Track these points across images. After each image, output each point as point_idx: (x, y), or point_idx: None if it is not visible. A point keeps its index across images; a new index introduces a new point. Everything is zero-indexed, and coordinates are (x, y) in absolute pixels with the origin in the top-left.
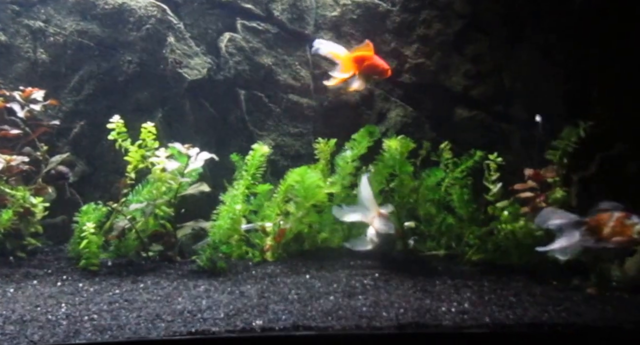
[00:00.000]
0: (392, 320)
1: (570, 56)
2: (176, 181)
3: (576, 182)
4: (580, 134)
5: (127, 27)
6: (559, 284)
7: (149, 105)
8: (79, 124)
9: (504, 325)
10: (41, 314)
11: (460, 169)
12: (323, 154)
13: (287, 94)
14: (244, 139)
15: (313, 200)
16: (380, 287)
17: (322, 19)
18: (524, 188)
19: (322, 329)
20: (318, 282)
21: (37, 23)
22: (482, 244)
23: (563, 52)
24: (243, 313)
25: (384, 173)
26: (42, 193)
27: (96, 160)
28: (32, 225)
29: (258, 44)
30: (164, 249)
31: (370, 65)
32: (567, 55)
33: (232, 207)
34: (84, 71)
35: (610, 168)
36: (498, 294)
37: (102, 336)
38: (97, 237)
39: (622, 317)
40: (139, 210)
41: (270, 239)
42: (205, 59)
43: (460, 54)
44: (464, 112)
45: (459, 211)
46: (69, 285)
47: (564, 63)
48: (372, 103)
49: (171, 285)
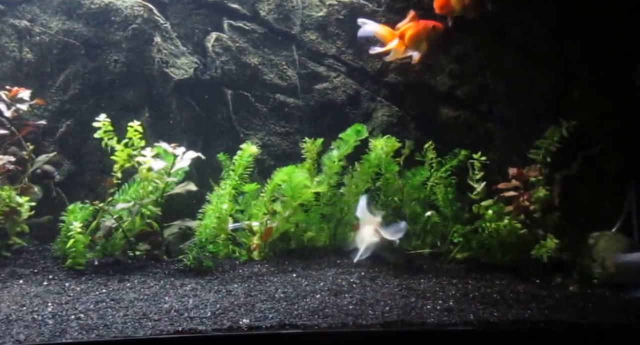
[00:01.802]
0: (378, 318)
1: (553, 56)
2: (162, 180)
3: (559, 181)
4: (563, 134)
5: (114, 26)
6: (542, 281)
7: (135, 104)
8: (65, 124)
9: (488, 323)
10: (27, 313)
11: (444, 168)
12: (310, 153)
13: (273, 93)
14: (230, 139)
15: (300, 199)
16: (366, 285)
17: (308, 19)
18: (507, 187)
19: (308, 327)
20: (304, 281)
21: (23, 22)
22: (466, 243)
23: (545, 52)
24: (230, 312)
25: (370, 172)
26: (28, 192)
27: (82, 160)
28: (18, 225)
29: (245, 43)
30: (150, 248)
31: (414, 35)
32: (550, 56)
33: (218, 206)
34: (70, 70)
35: (592, 167)
36: (482, 291)
37: (89, 335)
38: (83, 236)
39: (603, 313)
40: (126, 210)
41: (257, 238)
42: (191, 58)
43: (446, 54)
44: (449, 112)
45: (444, 210)
46: (55, 285)
47: (547, 63)
48: (358, 102)
49: (158, 284)
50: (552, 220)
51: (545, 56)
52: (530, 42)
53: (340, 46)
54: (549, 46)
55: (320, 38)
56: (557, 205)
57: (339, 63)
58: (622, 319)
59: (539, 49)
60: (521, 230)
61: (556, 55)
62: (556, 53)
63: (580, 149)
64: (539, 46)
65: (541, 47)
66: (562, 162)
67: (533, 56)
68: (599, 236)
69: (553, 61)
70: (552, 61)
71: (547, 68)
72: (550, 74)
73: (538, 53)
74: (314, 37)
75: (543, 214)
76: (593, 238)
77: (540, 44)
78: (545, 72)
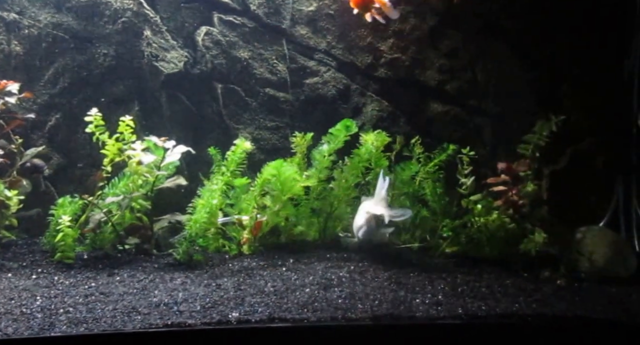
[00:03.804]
0: (367, 311)
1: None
2: (152, 174)
3: (547, 176)
4: (552, 128)
5: (103, 20)
6: (530, 275)
7: (124, 98)
8: (55, 117)
9: (477, 316)
10: (15, 306)
11: (433, 163)
12: (299, 147)
13: (263, 87)
14: (220, 133)
15: (289, 193)
16: (355, 279)
17: (298, 13)
18: (496, 181)
19: (298, 321)
20: (294, 275)
21: (11, 15)
22: (455, 237)
23: (534, 47)
24: (219, 305)
25: (360, 167)
26: (16, 186)
27: (72, 153)
28: (7, 218)
29: (235, 37)
30: (140, 242)
31: None
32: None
33: (209, 201)
34: (59, 64)
35: (580, 162)
36: (471, 285)
37: (78, 329)
38: (72, 230)
39: (590, 307)
40: (115, 204)
41: (247, 232)
42: (181, 52)
43: (435, 49)
44: (438, 107)
45: (433, 204)
46: (44, 278)
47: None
48: (348, 97)
49: (147, 278)
50: (541, 215)
51: (533, 51)
52: (520, 37)
53: (330, 41)
54: (538, 41)
55: (310, 32)
56: (546, 199)
57: (329, 58)
58: (609, 313)
59: (528, 44)
60: (510, 224)
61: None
62: (545, 48)
63: (569, 144)
64: (529, 41)
65: (530, 43)
66: (550, 157)
67: (523, 51)
68: (587, 230)
69: (542, 56)
70: (541, 56)
71: (537, 63)
72: (540, 69)
73: (527, 48)
74: (304, 31)
75: (531, 209)
76: (581, 232)
77: (529, 39)
78: (534, 67)
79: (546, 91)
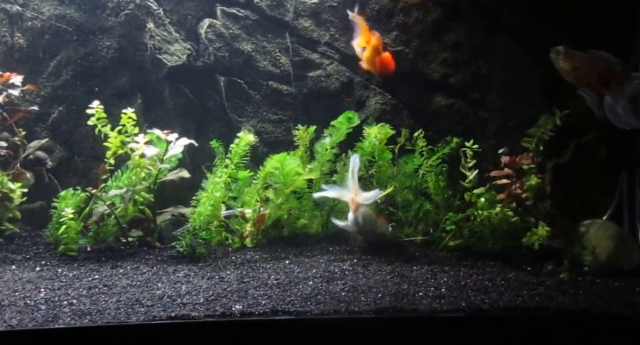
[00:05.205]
0: (370, 304)
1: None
2: (155, 167)
3: (550, 169)
4: (556, 122)
5: (106, 12)
6: (533, 269)
7: (127, 91)
8: (58, 110)
9: (480, 310)
10: (19, 298)
11: (436, 156)
12: (302, 140)
13: (266, 80)
14: (223, 125)
15: (292, 186)
16: (358, 272)
17: (301, 6)
18: (499, 175)
19: (301, 314)
20: (297, 268)
21: (15, 7)
22: (458, 230)
23: (538, 40)
24: (222, 298)
25: (363, 160)
26: (20, 178)
27: (75, 146)
28: (10, 211)
29: (238, 30)
30: (143, 235)
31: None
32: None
33: (213, 194)
34: (62, 56)
35: (583, 155)
36: (474, 279)
37: (81, 321)
38: (75, 222)
39: (593, 300)
40: (118, 196)
41: (250, 225)
42: (184, 45)
43: (439, 42)
44: (442, 100)
45: (435, 198)
46: (48, 271)
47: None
48: (352, 90)
49: (151, 270)
50: (544, 208)
51: (537, 44)
52: (524, 30)
53: (333, 33)
54: (542, 34)
55: (313, 25)
56: (549, 193)
57: (332, 50)
58: (612, 306)
59: (532, 37)
60: (513, 218)
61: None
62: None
63: (572, 137)
64: (533, 35)
65: (534, 36)
66: (554, 151)
67: (526, 44)
68: (590, 224)
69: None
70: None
71: (540, 56)
72: (544, 62)
73: (531, 41)
74: (308, 24)
75: (535, 202)
76: (584, 226)
77: (533, 32)
78: (538, 60)
79: (551, 84)
